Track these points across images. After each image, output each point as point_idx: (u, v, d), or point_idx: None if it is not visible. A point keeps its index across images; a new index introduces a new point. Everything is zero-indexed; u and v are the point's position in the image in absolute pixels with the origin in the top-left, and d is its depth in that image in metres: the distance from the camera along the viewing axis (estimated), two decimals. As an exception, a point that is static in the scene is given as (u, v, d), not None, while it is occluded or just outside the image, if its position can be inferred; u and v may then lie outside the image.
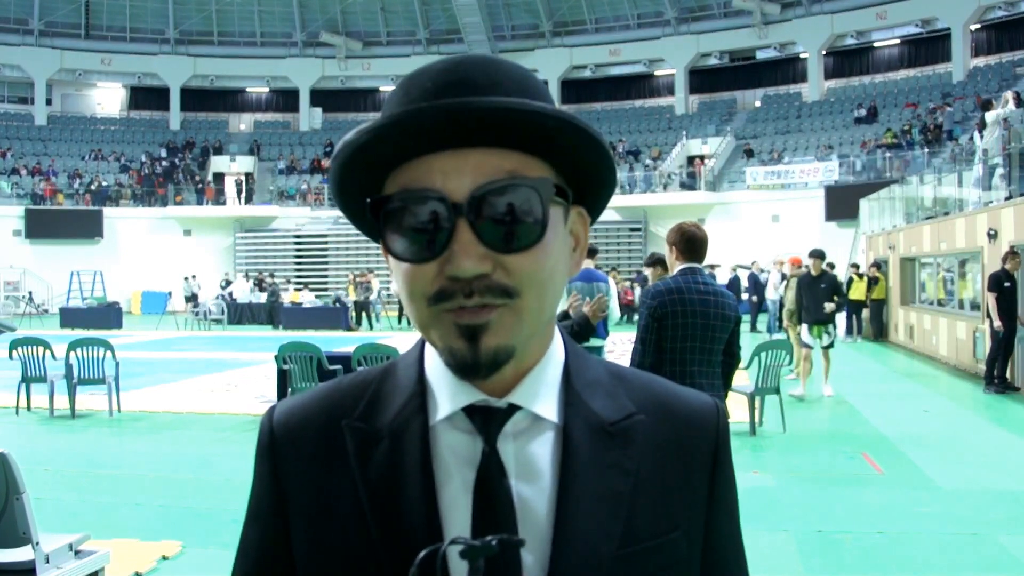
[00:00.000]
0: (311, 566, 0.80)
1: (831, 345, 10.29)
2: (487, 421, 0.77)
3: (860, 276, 18.43)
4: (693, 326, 3.89)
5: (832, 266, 18.96)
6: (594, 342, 6.81)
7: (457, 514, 0.76)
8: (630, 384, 0.85)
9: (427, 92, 0.74)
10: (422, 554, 0.68)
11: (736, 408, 8.28)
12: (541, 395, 0.79)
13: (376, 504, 0.77)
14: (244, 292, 25.93)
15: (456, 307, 0.72)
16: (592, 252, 7.67)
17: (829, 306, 9.99)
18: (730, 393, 8.01)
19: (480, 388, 0.77)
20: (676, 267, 4.12)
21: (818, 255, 10.33)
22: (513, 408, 0.77)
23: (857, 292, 18.36)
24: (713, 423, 0.85)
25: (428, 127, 0.71)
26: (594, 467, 0.78)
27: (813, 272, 10.31)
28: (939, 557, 4.70)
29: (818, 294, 10.11)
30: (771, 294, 18.41)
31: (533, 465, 0.77)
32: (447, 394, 0.78)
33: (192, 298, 27.16)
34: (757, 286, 20.27)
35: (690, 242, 4.10)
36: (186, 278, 29.18)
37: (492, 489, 0.75)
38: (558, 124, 0.72)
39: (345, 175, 0.76)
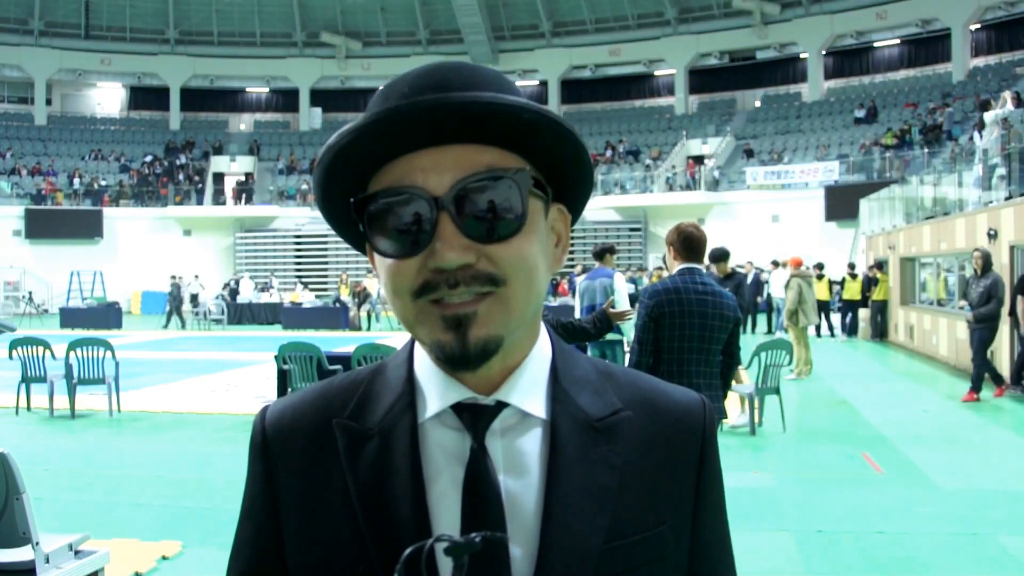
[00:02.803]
0: (303, 563, 0.81)
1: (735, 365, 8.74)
2: (475, 418, 0.78)
3: (820, 277, 18.39)
4: (691, 326, 3.88)
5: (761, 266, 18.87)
6: (609, 336, 6.80)
7: (446, 510, 0.77)
8: (617, 381, 0.86)
9: (404, 96, 0.75)
10: (408, 551, 0.69)
11: (736, 408, 8.29)
12: (529, 392, 0.80)
13: (365, 501, 0.78)
14: (249, 292, 25.95)
15: (440, 298, 0.73)
16: (607, 251, 7.71)
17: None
18: (730, 393, 8.00)
19: (468, 385, 0.78)
20: (675, 267, 4.12)
21: (720, 256, 8.70)
22: (501, 405, 0.79)
23: (820, 293, 18.32)
24: (700, 419, 0.86)
25: (407, 124, 0.73)
26: (581, 462, 0.79)
27: (719, 275, 8.55)
28: (939, 557, 4.70)
29: None
30: (779, 293, 18.38)
31: (521, 461, 0.78)
32: (436, 392, 0.79)
33: (192, 300, 27.06)
34: (740, 288, 20.10)
35: (689, 242, 4.11)
36: (181, 277, 28.83)
37: (481, 485, 0.76)
38: (533, 117, 0.74)
39: (329, 179, 0.78)
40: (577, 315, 6.98)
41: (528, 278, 0.75)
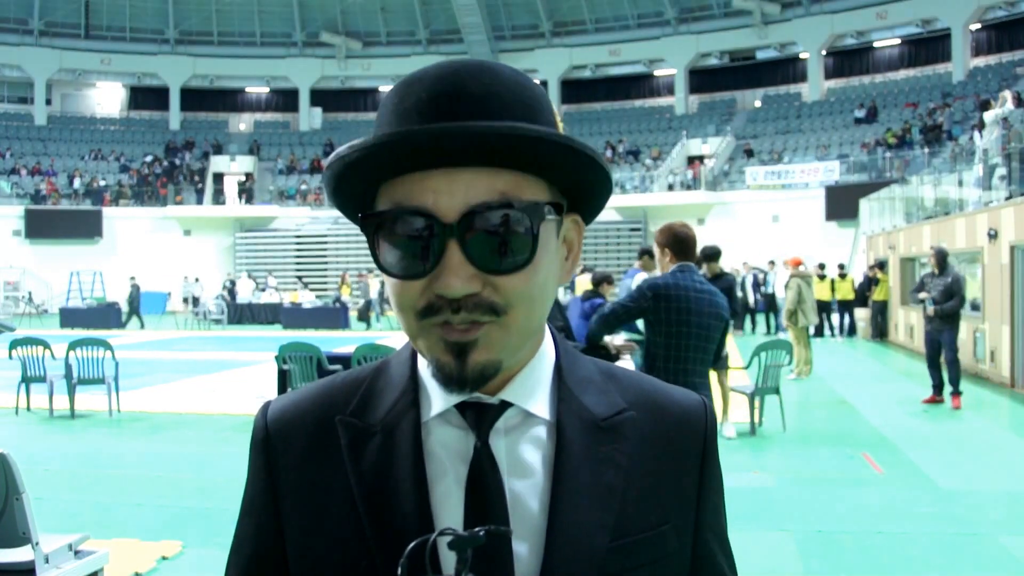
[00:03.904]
0: (304, 560, 0.81)
1: (722, 365, 7.79)
2: (480, 417, 0.78)
3: (822, 277, 18.38)
4: (689, 323, 3.91)
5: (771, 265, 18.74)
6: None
7: (450, 509, 0.77)
8: (621, 382, 0.86)
9: (421, 102, 0.74)
10: (411, 545, 0.69)
11: (736, 408, 8.29)
12: (533, 392, 0.80)
13: (368, 498, 0.78)
14: (248, 292, 25.96)
15: (442, 322, 0.73)
16: (646, 252, 7.71)
17: None
18: (731, 393, 7.99)
19: None
20: (669, 268, 4.13)
21: (711, 255, 8.12)
22: (505, 404, 0.78)
23: (821, 293, 18.31)
24: (702, 420, 0.87)
25: (419, 148, 0.71)
26: (586, 462, 0.79)
27: (708, 275, 8.03)
28: (939, 557, 4.70)
29: None
30: (782, 292, 18.38)
31: (525, 460, 0.79)
32: (440, 391, 0.79)
33: (193, 301, 27.13)
34: (731, 290, 19.98)
35: (683, 243, 4.14)
36: (186, 278, 29.16)
37: (484, 484, 0.76)
38: (552, 148, 0.72)
39: (339, 185, 0.77)
40: None
41: (531, 306, 0.75)
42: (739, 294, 18.63)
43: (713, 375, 7.71)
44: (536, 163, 0.74)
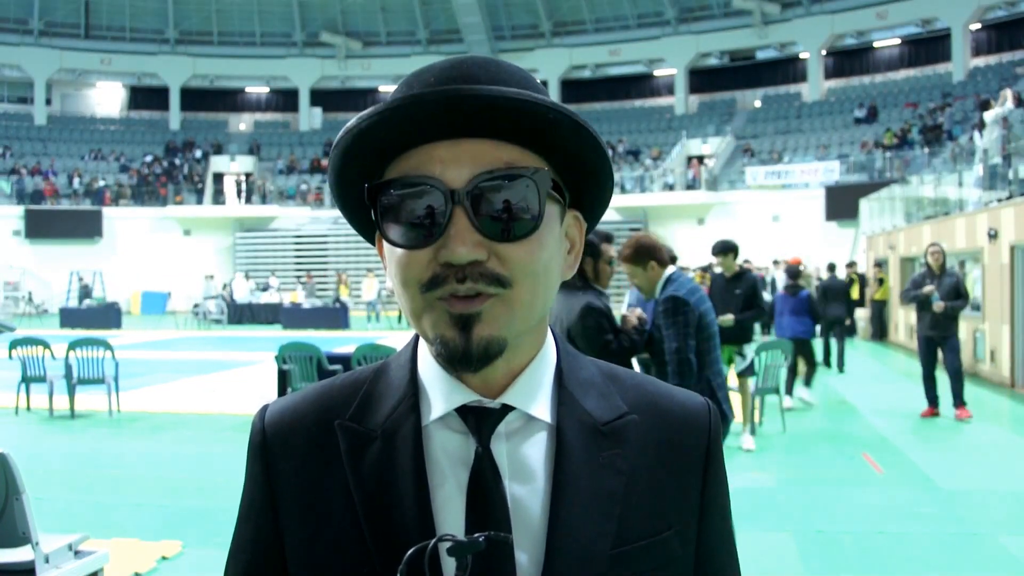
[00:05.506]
0: (304, 566, 0.80)
1: (749, 372, 7.50)
2: (480, 422, 0.77)
3: (852, 280, 18.36)
4: (713, 325, 3.98)
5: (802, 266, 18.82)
6: None
7: (451, 515, 0.76)
8: (623, 384, 0.85)
9: (430, 85, 0.75)
10: (411, 551, 0.69)
11: (735, 408, 8.28)
12: (534, 395, 0.79)
13: (369, 504, 0.77)
14: (244, 292, 25.93)
15: (448, 294, 0.72)
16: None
17: (726, 318, 6.95)
18: (729, 393, 7.96)
19: (473, 388, 0.77)
20: (660, 275, 4.07)
21: (725, 249, 7.47)
22: (506, 408, 0.78)
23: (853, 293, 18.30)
24: (705, 423, 0.86)
25: (428, 113, 0.72)
26: (587, 467, 0.78)
27: (725, 273, 7.53)
28: (939, 557, 4.70)
29: (732, 302, 7.23)
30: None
31: (526, 465, 0.78)
32: (440, 394, 0.79)
33: (213, 298, 27.09)
34: (755, 290, 19.83)
35: (659, 251, 4.08)
36: (205, 277, 29.17)
37: (486, 490, 0.75)
38: (557, 117, 0.73)
39: (345, 163, 0.77)
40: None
41: (535, 283, 0.75)
42: (768, 297, 18.58)
43: (732, 380, 7.76)
44: (541, 138, 0.75)
